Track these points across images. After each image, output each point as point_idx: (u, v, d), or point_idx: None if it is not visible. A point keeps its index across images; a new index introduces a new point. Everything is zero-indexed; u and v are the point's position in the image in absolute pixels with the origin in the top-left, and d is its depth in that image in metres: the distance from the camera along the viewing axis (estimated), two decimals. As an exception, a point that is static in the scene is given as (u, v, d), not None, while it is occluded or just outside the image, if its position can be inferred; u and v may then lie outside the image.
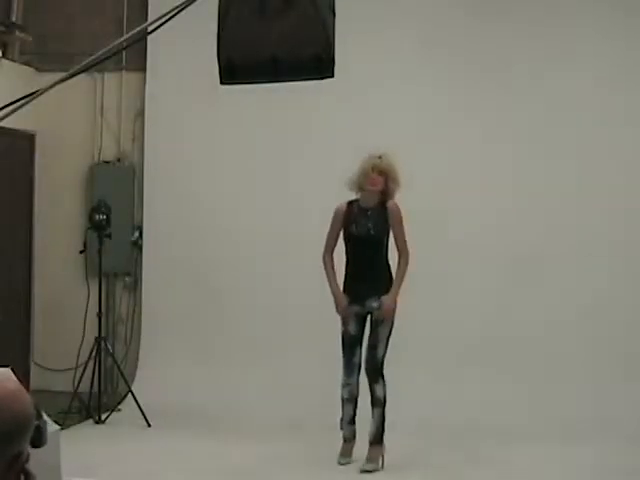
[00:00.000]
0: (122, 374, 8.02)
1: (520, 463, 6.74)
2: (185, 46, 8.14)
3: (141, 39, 7.22)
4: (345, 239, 6.65)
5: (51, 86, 3.03)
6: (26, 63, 8.56)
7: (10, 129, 7.62)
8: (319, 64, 2.90)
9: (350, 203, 6.67)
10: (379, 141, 8.05)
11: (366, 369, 6.57)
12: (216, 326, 8.35)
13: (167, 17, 2.95)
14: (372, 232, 6.55)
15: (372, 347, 6.55)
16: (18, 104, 2.97)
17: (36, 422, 2.00)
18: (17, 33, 8.49)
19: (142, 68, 8.56)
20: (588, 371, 7.67)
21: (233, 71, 2.94)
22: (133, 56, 8.33)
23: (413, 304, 6.93)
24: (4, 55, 8.43)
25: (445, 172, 7.93)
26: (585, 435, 7.14)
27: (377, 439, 6.54)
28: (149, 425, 7.63)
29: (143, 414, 7.63)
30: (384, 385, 6.53)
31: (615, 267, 7.86)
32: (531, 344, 7.84)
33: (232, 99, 6.91)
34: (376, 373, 6.52)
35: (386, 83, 8.17)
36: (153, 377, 8.26)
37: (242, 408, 7.85)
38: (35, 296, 8.73)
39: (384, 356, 6.53)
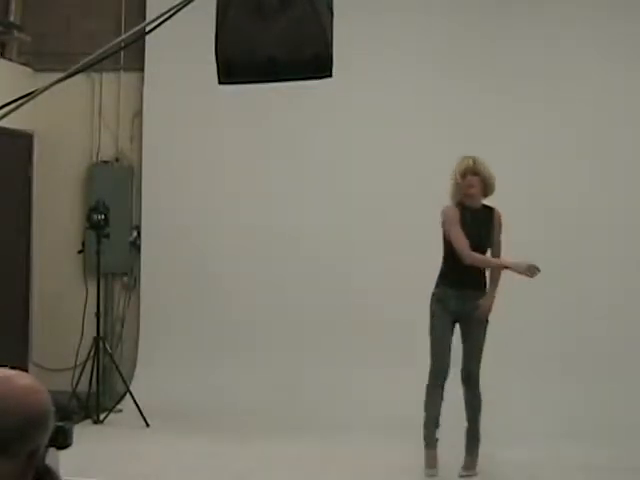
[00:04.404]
0: (120, 374, 8.01)
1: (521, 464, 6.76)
2: (183, 46, 8.14)
3: (139, 39, 7.23)
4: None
5: (49, 86, 3.03)
6: (24, 63, 8.56)
7: (8, 129, 7.62)
8: (317, 64, 2.90)
9: (458, 205, 6.45)
10: (380, 140, 8.11)
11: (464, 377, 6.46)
12: (215, 326, 8.34)
13: (165, 17, 2.95)
14: (482, 236, 6.43)
15: (469, 354, 6.44)
16: (16, 104, 2.97)
17: (61, 423, 1.99)
18: (15, 33, 8.50)
19: (140, 68, 8.56)
20: (589, 371, 7.68)
21: (231, 71, 2.94)
22: (131, 56, 8.33)
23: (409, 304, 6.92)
24: (2, 55, 8.44)
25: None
26: (586, 435, 7.14)
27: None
28: (148, 425, 7.63)
29: (142, 414, 7.63)
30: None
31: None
32: (531, 344, 7.85)
33: (230, 99, 6.91)
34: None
35: (386, 81, 8.18)
36: (152, 377, 8.26)
37: (242, 408, 7.84)
38: (33, 296, 8.73)
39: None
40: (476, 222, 6.42)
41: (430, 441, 6.44)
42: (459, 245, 6.32)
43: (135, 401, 7.68)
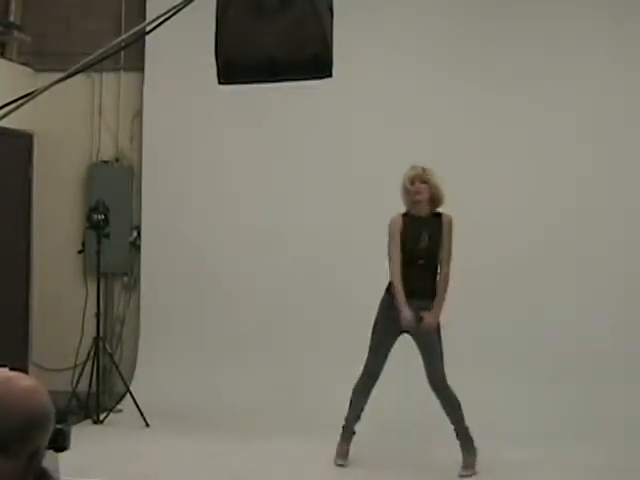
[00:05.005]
0: (120, 374, 8.01)
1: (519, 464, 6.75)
2: (183, 46, 8.14)
3: (139, 39, 7.23)
4: (401, 251, 6.46)
5: (49, 86, 3.03)
6: (24, 63, 8.56)
7: (8, 129, 7.62)
8: (317, 64, 2.90)
9: (404, 215, 6.53)
10: (380, 140, 8.10)
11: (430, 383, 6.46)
12: (215, 326, 8.34)
13: (165, 17, 2.95)
14: (429, 243, 6.43)
15: (427, 362, 6.43)
16: (16, 104, 2.97)
17: (60, 426, 1.99)
18: (15, 33, 8.50)
19: (140, 68, 8.56)
20: (589, 371, 7.67)
21: (231, 71, 2.94)
22: (131, 56, 8.33)
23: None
24: (2, 55, 8.43)
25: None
26: (586, 435, 7.13)
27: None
28: (147, 425, 7.63)
29: (142, 414, 7.63)
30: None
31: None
32: (531, 344, 7.84)
33: (230, 99, 6.91)
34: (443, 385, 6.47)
35: (386, 81, 8.18)
36: (151, 377, 8.26)
37: (242, 408, 7.84)
38: (33, 296, 8.73)
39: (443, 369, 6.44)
40: (418, 231, 6.44)
41: (347, 434, 6.61)
42: (392, 261, 6.43)
43: (135, 401, 7.68)
